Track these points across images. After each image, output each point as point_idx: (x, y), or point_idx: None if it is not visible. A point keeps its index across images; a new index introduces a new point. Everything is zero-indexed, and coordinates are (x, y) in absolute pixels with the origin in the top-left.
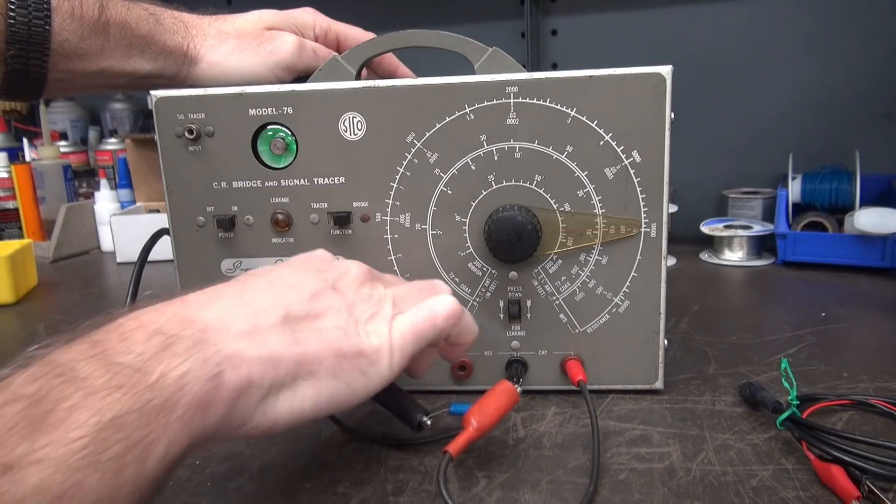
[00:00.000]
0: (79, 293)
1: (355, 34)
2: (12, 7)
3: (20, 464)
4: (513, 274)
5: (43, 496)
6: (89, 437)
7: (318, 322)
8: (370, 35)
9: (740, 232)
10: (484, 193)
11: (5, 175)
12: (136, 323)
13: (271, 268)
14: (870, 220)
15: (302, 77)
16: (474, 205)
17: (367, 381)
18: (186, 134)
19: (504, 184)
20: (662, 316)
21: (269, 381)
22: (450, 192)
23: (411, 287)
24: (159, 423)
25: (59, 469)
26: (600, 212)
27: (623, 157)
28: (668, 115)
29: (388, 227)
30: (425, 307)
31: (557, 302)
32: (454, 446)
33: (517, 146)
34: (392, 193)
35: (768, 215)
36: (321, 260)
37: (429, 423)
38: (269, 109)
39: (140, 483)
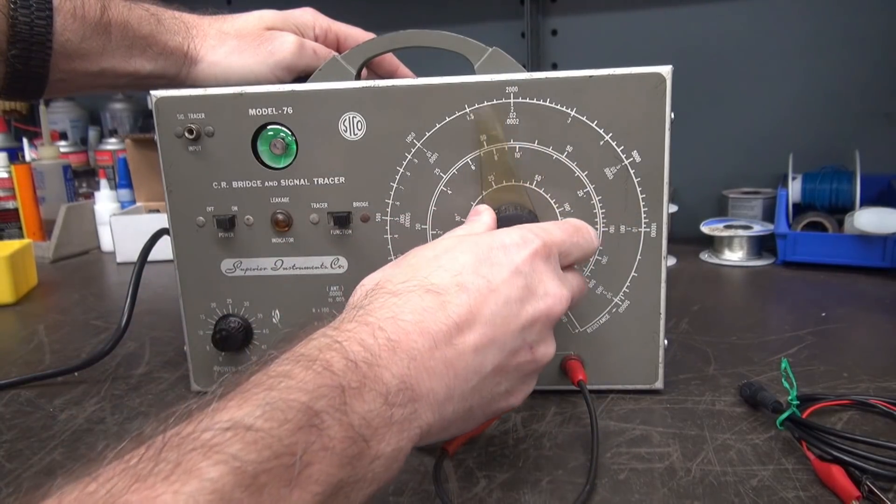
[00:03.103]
0: (79, 293)
1: (355, 34)
2: (14, 7)
3: None
4: None
5: None
6: (321, 497)
7: (489, 407)
8: (370, 35)
9: (740, 232)
10: (484, 193)
11: (5, 175)
12: (373, 375)
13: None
14: (870, 220)
15: (302, 77)
16: (474, 205)
17: None
18: (186, 134)
19: (504, 184)
20: (662, 316)
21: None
22: (450, 192)
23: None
24: (355, 487)
25: None
26: (600, 212)
27: (623, 157)
28: (668, 115)
29: (388, 227)
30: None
31: None
32: (451, 444)
33: (517, 146)
34: (392, 193)
35: (768, 215)
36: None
37: None
38: (269, 109)
39: None
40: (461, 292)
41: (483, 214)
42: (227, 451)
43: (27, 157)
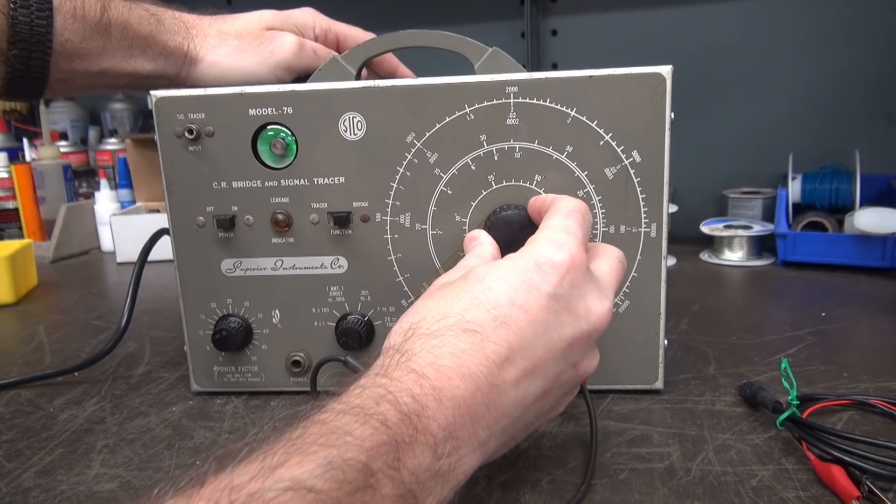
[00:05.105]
0: (79, 293)
1: (355, 34)
2: (14, 7)
3: None
4: None
5: None
6: None
7: (531, 426)
8: (370, 35)
9: (740, 232)
10: (484, 193)
11: (5, 175)
12: (423, 428)
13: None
14: (870, 220)
15: (302, 77)
16: (474, 205)
17: None
18: (186, 134)
19: (504, 184)
20: (662, 316)
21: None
22: (450, 192)
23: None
24: None
25: None
26: (600, 212)
27: (623, 157)
28: (668, 115)
29: (388, 227)
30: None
31: None
32: None
33: (517, 146)
34: (392, 193)
35: (768, 215)
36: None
37: None
38: (269, 109)
39: None
40: (499, 328)
41: (481, 237)
42: None
43: (27, 157)
